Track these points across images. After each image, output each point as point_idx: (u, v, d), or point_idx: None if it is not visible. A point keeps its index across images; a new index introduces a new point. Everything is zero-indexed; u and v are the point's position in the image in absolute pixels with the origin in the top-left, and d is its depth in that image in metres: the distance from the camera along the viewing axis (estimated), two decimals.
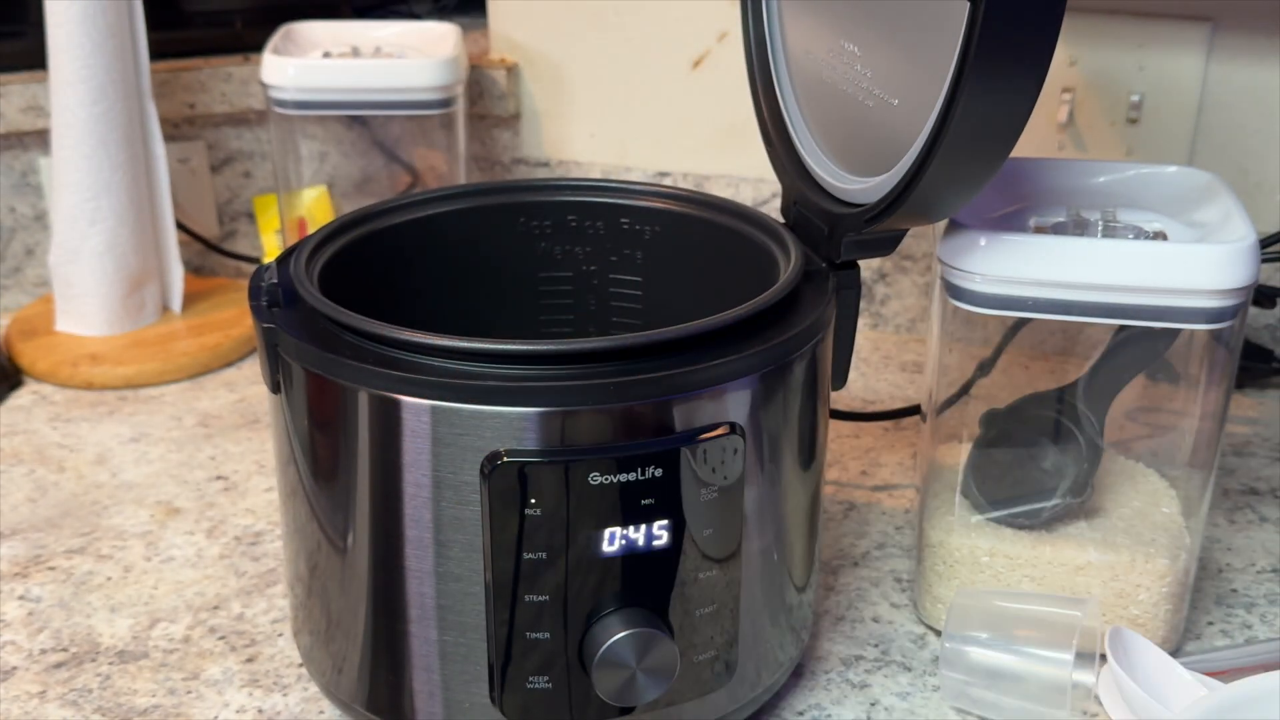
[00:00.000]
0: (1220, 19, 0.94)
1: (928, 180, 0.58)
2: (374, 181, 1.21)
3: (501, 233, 0.76)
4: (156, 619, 0.76)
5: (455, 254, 0.75)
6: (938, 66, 0.56)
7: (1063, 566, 0.71)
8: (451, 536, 0.57)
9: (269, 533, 0.84)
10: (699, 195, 0.75)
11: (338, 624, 0.63)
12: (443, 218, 0.74)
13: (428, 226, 0.74)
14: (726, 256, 0.71)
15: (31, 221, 1.17)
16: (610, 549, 0.57)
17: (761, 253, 0.68)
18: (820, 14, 0.70)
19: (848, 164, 0.69)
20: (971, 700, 0.67)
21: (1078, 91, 0.99)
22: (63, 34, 1.00)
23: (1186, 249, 0.64)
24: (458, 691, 0.60)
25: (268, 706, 0.68)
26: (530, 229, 0.76)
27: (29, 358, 1.05)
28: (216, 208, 1.23)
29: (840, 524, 0.85)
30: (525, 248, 0.76)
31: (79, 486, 0.90)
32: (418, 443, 0.56)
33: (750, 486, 0.60)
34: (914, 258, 1.09)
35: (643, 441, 0.55)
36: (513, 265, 0.76)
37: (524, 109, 1.20)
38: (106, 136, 1.03)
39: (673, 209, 0.75)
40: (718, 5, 1.10)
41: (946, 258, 0.66)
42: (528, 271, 0.77)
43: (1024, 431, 0.73)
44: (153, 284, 1.10)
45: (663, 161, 1.16)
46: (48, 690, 0.70)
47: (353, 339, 0.58)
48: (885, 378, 1.05)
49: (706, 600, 0.60)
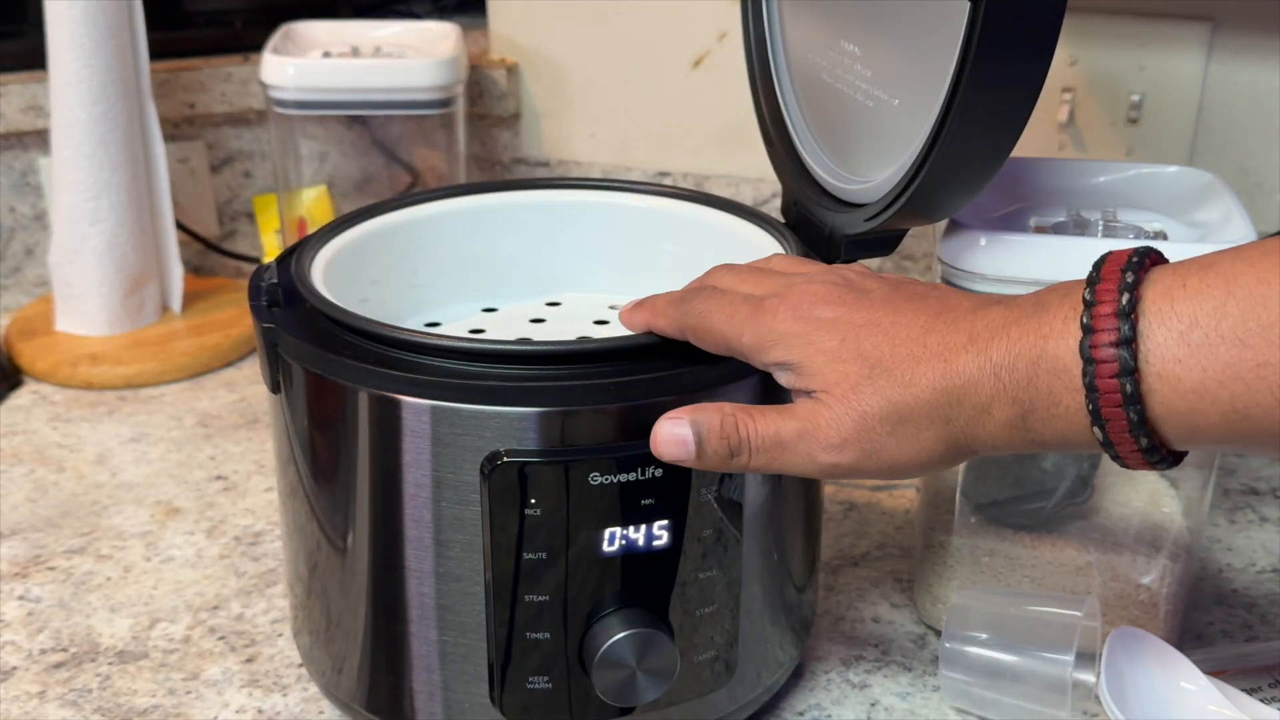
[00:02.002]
0: (1220, 19, 0.94)
1: (928, 180, 0.58)
2: (374, 181, 1.21)
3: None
4: (156, 619, 0.76)
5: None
6: (938, 66, 0.56)
7: (1063, 566, 0.71)
8: (451, 536, 0.57)
9: (269, 533, 0.84)
10: (702, 195, 0.75)
11: (338, 624, 0.63)
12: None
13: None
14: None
15: (31, 221, 1.17)
16: (610, 549, 0.57)
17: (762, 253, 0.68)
18: (820, 14, 0.70)
19: (848, 164, 0.69)
20: (971, 700, 0.67)
21: (1078, 91, 0.99)
22: (63, 34, 1.00)
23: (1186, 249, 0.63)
24: (458, 691, 0.60)
25: (267, 706, 0.68)
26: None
27: (29, 357, 1.05)
28: (216, 208, 1.23)
29: (840, 524, 0.85)
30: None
31: (79, 486, 0.90)
32: (418, 443, 0.56)
33: (750, 487, 0.60)
34: (914, 258, 1.09)
35: (643, 441, 0.55)
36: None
37: (524, 109, 1.20)
38: (106, 136, 1.03)
39: (676, 209, 0.75)
40: (718, 5, 1.10)
41: (946, 258, 0.66)
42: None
43: None
44: (152, 284, 1.10)
45: (663, 161, 1.16)
46: (47, 690, 0.70)
47: (353, 339, 0.58)
48: None
49: (706, 600, 0.60)
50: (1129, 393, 0.45)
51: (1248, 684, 0.67)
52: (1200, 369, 0.44)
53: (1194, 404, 0.44)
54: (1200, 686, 0.63)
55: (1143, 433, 0.46)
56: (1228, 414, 0.44)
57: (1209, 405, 0.44)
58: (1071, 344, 0.46)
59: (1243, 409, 0.43)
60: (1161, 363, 0.44)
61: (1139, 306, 0.45)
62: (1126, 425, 0.46)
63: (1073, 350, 0.46)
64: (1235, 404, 0.43)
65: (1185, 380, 0.44)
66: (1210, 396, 0.44)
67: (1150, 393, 0.45)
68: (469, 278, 0.76)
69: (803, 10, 0.72)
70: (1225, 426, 0.44)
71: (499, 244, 0.76)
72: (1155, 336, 0.44)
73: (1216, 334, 0.43)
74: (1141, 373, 0.45)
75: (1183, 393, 0.44)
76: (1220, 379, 0.43)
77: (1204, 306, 0.44)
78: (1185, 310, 0.44)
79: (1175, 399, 0.45)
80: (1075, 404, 0.47)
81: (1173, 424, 0.45)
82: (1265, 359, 0.42)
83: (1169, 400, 0.45)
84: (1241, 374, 0.43)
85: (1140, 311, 0.45)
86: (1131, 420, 0.45)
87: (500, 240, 0.76)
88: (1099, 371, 0.45)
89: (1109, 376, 0.45)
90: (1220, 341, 0.43)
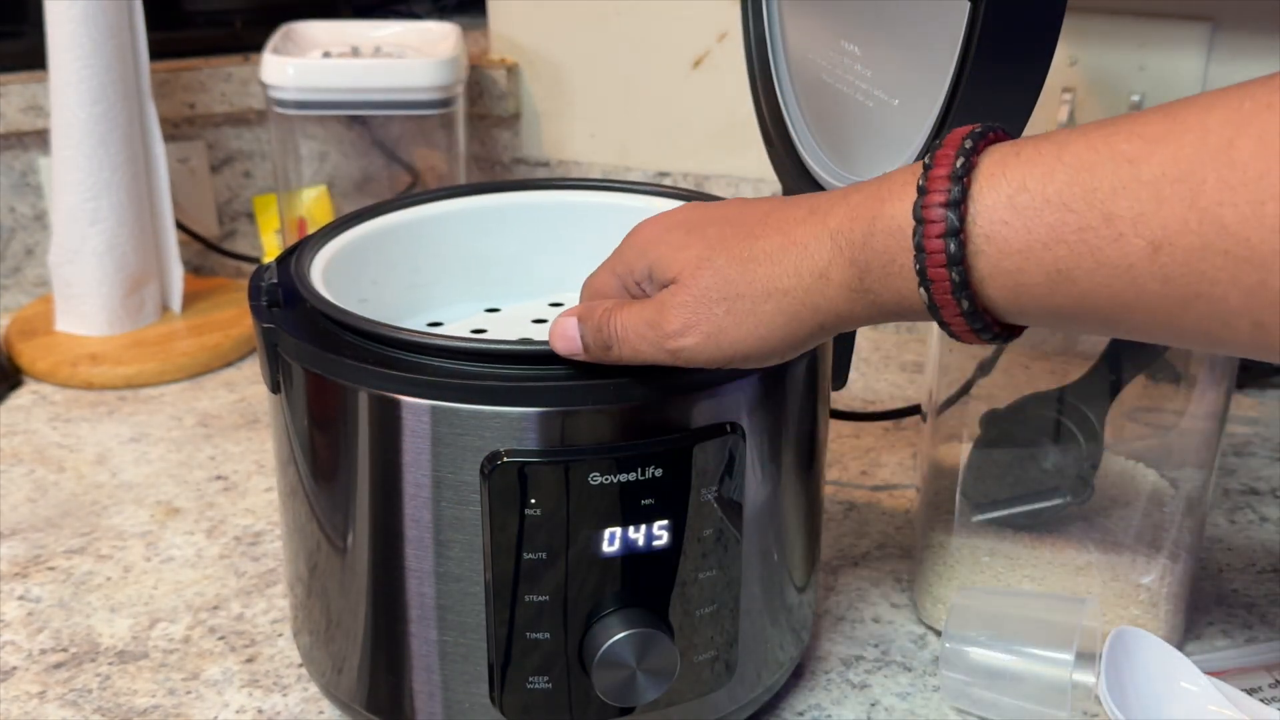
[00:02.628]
0: (1220, 19, 0.94)
1: None
2: (374, 181, 1.21)
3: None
4: (156, 619, 0.76)
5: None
6: (938, 66, 0.56)
7: (1063, 566, 0.71)
8: (451, 536, 0.57)
9: (269, 533, 0.84)
10: (702, 196, 0.75)
11: (338, 624, 0.63)
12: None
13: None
14: None
15: (31, 221, 1.17)
16: (610, 549, 0.57)
17: None
18: (820, 14, 0.69)
19: (848, 164, 0.69)
20: (971, 700, 0.67)
21: (1078, 91, 0.99)
22: (63, 34, 1.00)
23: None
24: (458, 691, 0.60)
25: (268, 706, 0.68)
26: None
27: (29, 357, 1.05)
28: (216, 208, 1.23)
29: (840, 524, 0.85)
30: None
31: (79, 486, 0.90)
32: (418, 443, 0.56)
33: (750, 486, 0.60)
34: None
35: (643, 441, 0.55)
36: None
37: (524, 109, 1.20)
38: (106, 136, 1.03)
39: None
40: (718, 5, 1.10)
41: None
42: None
43: (1024, 431, 0.73)
44: (153, 284, 1.10)
45: (663, 161, 1.16)
46: (47, 690, 0.70)
47: (353, 339, 0.58)
48: (885, 378, 1.05)
49: (706, 600, 0.60)
50: (952, 252, 0.46)
51: (1248, 684, 0.67)
52: (1025, 230, 0.45)
53: (1019, 264, 0.45)
54: (1200, 686, 0.63)
55: (965, 295, 0.46)
56: (1051, 275, 0.45)
57: (1033, 266, 0.45)
58: (907, 205, 0.47)
59: (1066, 270, 0.44)
60: (989, 225, 0.45)
61: (973, 173, 0.46)
62: (950, 286, 0.46)
63: (907, 211, 0.47)
64: (1059, 265, 0.44)
65: (1011, 242, 0.45)
66: (1035, 258, 0.45)
67: (977, 253, 0.46)
68: (471, 278, 0.76)
69: (803, 10, 0.72)
70: (1049, 289, 0.45)
71: (500, 244, 0.76)
72: (985, 199, 0.45)
73: (1042, 197, 0.44)
74: (969, 234, 0.46)
75: (1009, 253, 0.45)
76: (1045, 241, 0.44)
77: (1033, 172, 0.45)
78: (1015, 175, 0.45)
79: (1001, 258, 0.45)
80: (907, 264, 0.48)
81: (997, 286, 0.46)
82: (1088, 223, 0.43)
83: (995, 260, 0.45)
84: (1065, 236, 0.44)
85: (974, 177, 0.46)
86: (954, 281, 0.46)
87: (501, 240, 0.76)
88: (927, 231, 0.46)
89: (936, 236, 0.46)
90: (1045, 205, 0.44)
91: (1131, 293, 0.43)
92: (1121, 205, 0.42)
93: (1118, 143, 0.43)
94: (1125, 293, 0.43)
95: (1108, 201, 0.43)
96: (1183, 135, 0.42)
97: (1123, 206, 0.42)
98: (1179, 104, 0.43)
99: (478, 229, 0.75)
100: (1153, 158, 0.42)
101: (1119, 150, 0.43)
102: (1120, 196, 0.42)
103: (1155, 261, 0.42)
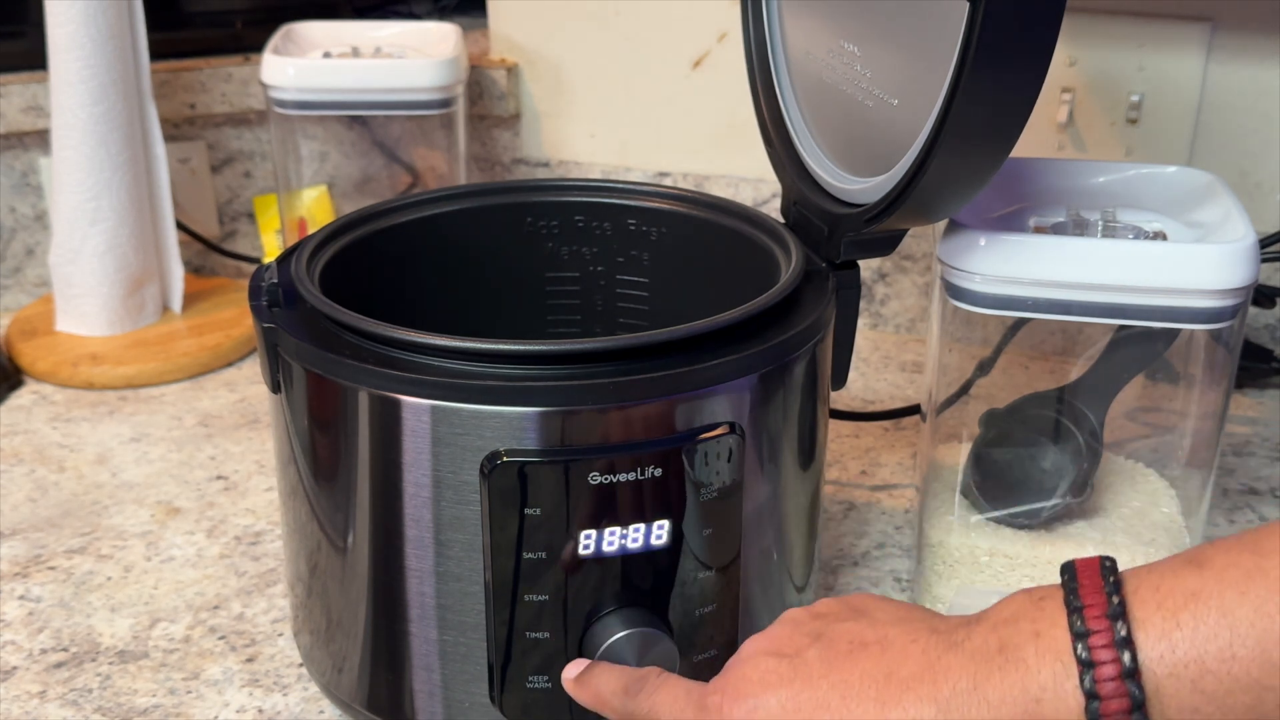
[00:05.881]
0: (1220, 19, 0.94)
1: (928, 180, 0.58)
2: (374, 181, 1.21)
3: (506, 233, 0.76)
4: (157, 619, 0.76)
5: (458, 254, 0.75)
6: (938, 66, 0.56)
7: None
8: (451, 536, 0.57)
9: (269, 533, 0.84)
10: (702, 196, 0.75)
11: (338, 624, 0.63)
12: (445, 218, 0.74)
13: (430, 227, 0.74)
14: (731, 257, 0.71)
15: (31, 221, 1.17)
16: (610, 549, 0.57)
17: (763, 253, 0.68)
18: (820, 14, 0.70)
19: (848, 164, 0.69)
20: None
21: (1078, 91, 0.99)
22: (63, 34, 1.00)
23: (1186, 249, 0.64)
24: (458, 691, 0.60)
25: (268, 706, 0.68)
26: (537, 229, 0.76)
27: (29, 358, 1.05)
28: (217, 208, 1.23)
29: (840, 524, 0.85)
30: (531, 248, 0.76)
31: (79, 486, 0.90)
32: (418, 443, 0.56)
33: (750, 486, 0.60)
34: (914, 258, 1.09)
35: (643, 441, 0.55)
36: (518, 266, 0.76)
37: (524, 109, 1.20)
38: (107, 136, 1.03)
39: (677, 210, 0.75)
40: (718, 5, 1.10)
41: (946, 258, 0.66)
42: (534, 272, 0.77)
43: (1024, 431, 0.73)
44: (153, 284, 1.10)
45: (663, 161, 1.16)
46: (48, 690, 0.70)
47: (353, 339, 0.58)
48: (885, 378, 1.05)
49: (706, 600, 0.60)
50: None
51: None
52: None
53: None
54: None
55: None
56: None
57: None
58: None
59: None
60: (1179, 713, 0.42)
61: (1138, 659, 0.42)
62: None
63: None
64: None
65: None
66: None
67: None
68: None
69: (803, 10, 0.72)
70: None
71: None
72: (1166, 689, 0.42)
73: (1230, 678, 0.41)
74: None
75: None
76: None
77: (1209, 648, 0.41)
78: (1190, 656, 0.41)
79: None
80: None
81: None
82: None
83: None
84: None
85: (1141, 663, 0.42)
86: None
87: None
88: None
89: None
90: (1235, 687, 0.41)
91: None
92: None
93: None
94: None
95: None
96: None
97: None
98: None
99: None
100: None
101: None
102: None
103: None
